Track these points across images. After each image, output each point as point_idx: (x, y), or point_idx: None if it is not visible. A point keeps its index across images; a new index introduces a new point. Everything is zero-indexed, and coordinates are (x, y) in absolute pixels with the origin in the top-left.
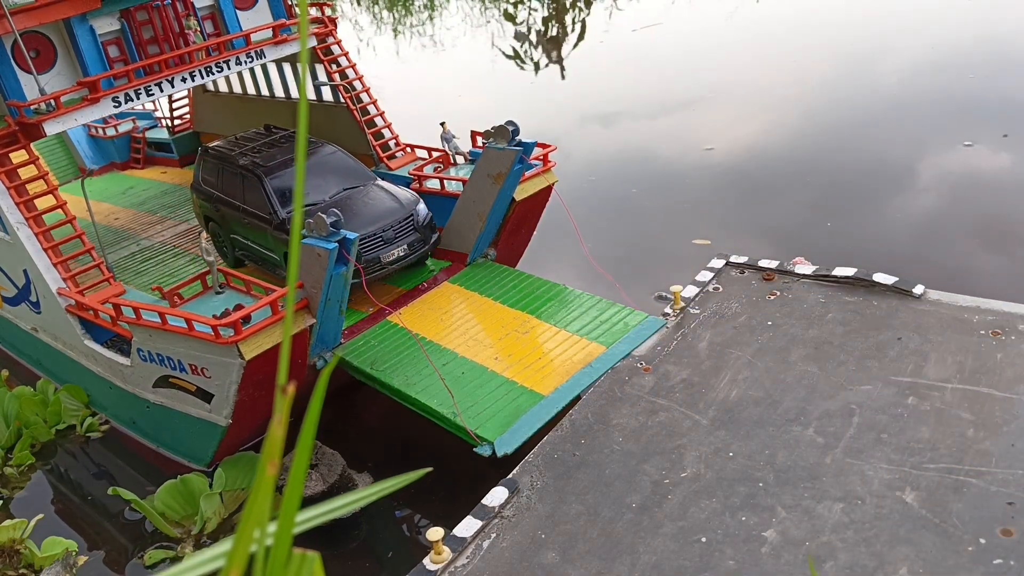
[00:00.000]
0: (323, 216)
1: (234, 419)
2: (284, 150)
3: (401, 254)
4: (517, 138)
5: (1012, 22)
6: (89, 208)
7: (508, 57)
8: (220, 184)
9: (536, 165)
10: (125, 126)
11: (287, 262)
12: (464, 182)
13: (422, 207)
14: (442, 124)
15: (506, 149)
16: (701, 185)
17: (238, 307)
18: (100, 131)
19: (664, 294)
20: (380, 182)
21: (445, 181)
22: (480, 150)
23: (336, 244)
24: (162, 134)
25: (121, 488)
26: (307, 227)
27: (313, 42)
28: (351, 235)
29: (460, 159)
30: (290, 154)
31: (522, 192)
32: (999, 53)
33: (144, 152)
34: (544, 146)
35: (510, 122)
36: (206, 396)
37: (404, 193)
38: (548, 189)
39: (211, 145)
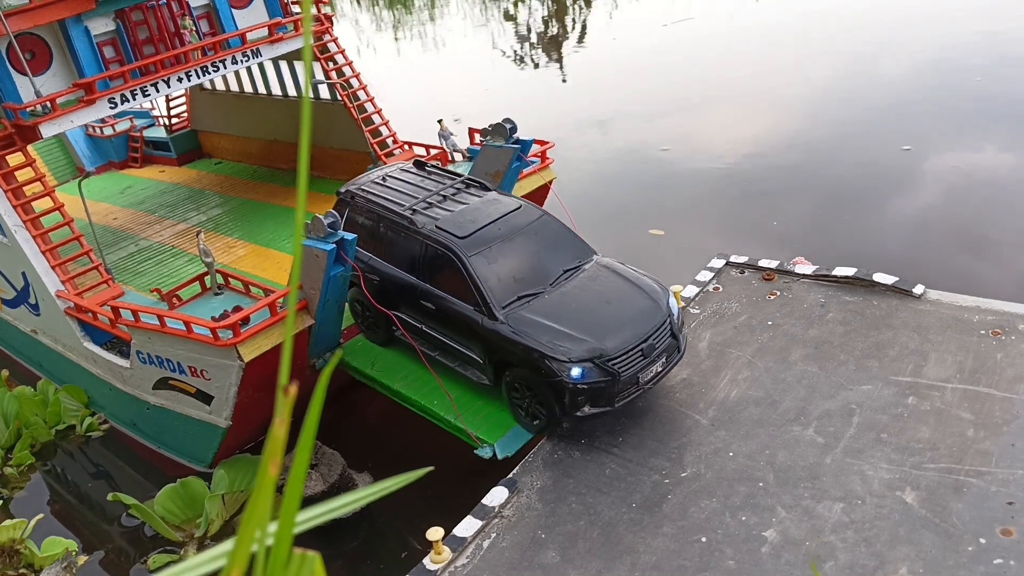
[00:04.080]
0: (320, 217)
1: (234, 420)
2: (477, 211)
3: (659, 370)
4: (515, 136)
5: (1018, 20)
6: (87, 210)
7: (509, 57)
8: (382, 247)
9: (534, 163)
10: (123, 125)
11: (502, 367)
12: None
13: (673, 301)
14: (439, 122)
15: (504, 147)
16: (698, 184)
17: (237, 309)
18: (98, 130)
19: None
20: (603, 260)
21: None
22: (478, 147)
23: (334, 245)
24: (160, 133)
25: (122, 494)
26: (305, 228)
27: (311, 41)
28: (349, 236)
29: (458, 156)
30: (492, 217)
31: (520, 190)
32: (1004, 55)
33: (142, 151)
34: (542, 143)
35: (507, 120)
36: (206, 398)
37: (646, 280)
38: (546, 186)
39: (357, 188)
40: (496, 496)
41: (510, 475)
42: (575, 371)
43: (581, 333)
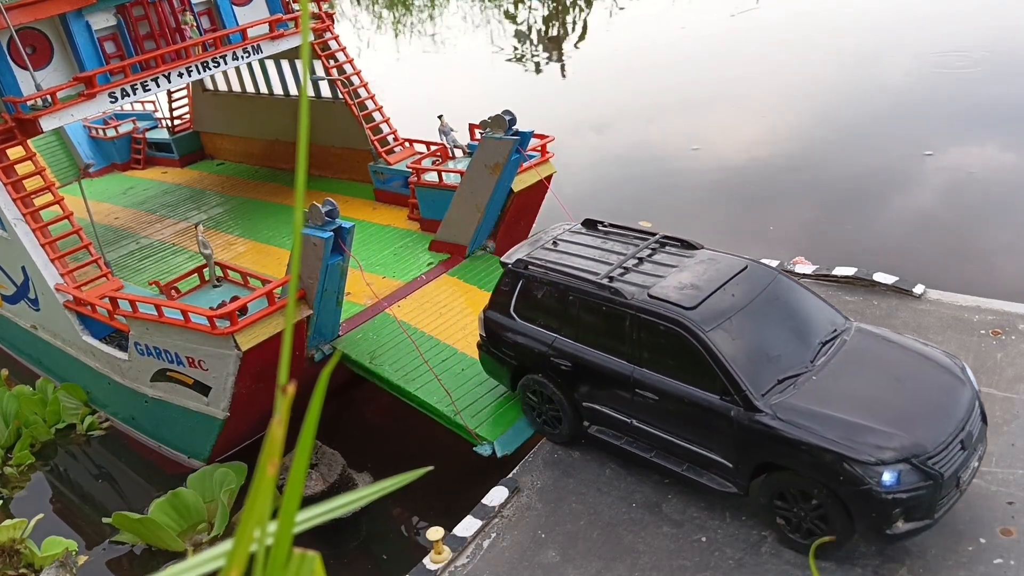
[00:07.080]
0: (318, 205)
1: (232, 411)
2: (695, 274)
3: (976, 465)
4: (514, 128)
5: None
6: (87, 205)
7: (517, 58)
8: (572, 326)
9: (533, 157)
10: (125, 127)
11: (760, 470)
12: (462, 174)
13: (970, 372)
14: (440, 117)
15: (503, 139)
16: (694, 184)
17: (235, 299)
18: (100, 132)
19: None
20: (865, 326)
21: (443, 174)
22: (478, 143)
23: (331, 233)
24: (162, 134)
25: (118, 514)
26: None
27: (310, 37)
28: (347, 224)
29: (459, 152)
30: (718, 282)
31: (520, 183)
32: (1006, 55)
33: (144, 152)
34: (542, 137)
35: (507, 111)
36: (203, 389)
37: (930, 349)
38: (545, 182)
39: (529, 256)
40: (496, 496)
41: (510, 475)
42: (887, 476)
43: (883, 424)
